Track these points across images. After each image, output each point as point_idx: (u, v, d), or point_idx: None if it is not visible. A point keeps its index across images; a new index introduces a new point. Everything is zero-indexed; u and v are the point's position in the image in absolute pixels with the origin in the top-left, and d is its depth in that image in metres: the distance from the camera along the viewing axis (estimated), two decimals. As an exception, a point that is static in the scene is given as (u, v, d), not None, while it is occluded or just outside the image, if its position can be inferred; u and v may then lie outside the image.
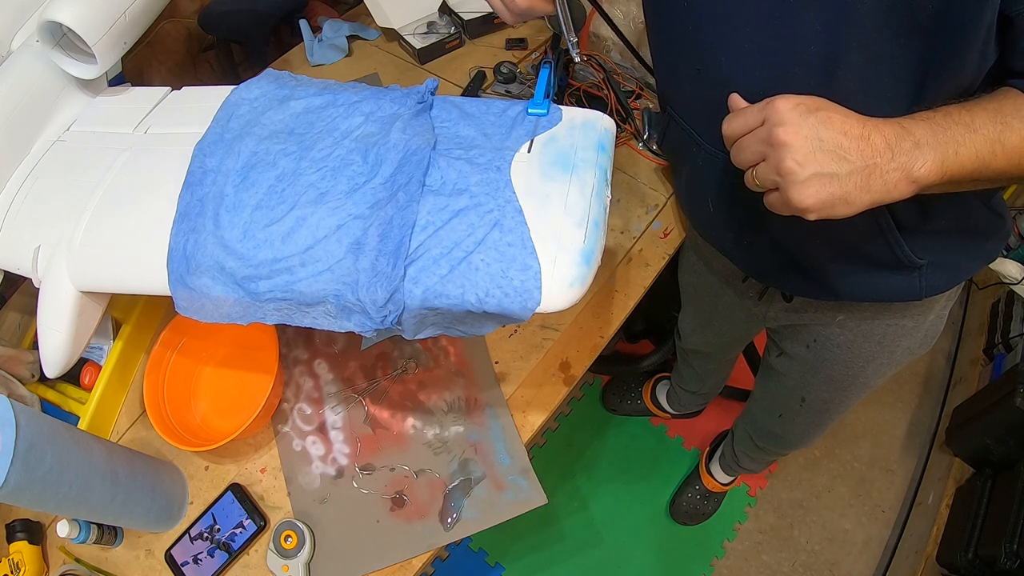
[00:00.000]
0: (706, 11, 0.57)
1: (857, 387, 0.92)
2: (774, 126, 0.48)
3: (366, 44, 1.19)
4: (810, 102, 0.48)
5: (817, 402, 1.00)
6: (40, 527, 0.78)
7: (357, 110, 0.66)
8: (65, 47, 0.75)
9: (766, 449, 1.24)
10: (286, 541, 0.72)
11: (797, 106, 0.48)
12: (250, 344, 0.86)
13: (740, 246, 0.76)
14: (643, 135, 0.99)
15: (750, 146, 0.51)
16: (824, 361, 0.89)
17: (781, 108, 0.48)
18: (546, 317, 0.87)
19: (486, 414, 0.80)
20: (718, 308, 0.99)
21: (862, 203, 0.48)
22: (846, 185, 0.47)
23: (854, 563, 1.51)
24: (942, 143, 0.47)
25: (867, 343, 0.82)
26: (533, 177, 0.60)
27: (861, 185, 0.47)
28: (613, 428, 1.67)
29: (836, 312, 0.79)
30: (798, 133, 0.47)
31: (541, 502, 0.75)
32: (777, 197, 0.50)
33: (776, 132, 0.47)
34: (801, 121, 0.47)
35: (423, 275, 0.56)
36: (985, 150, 0.48)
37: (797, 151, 0.47)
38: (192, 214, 0.63)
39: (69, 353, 0.70)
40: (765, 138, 0.49)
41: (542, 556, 1.50)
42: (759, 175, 0.51)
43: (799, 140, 0.47)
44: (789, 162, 0.47)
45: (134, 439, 0.83)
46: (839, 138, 0.47)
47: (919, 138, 0.47)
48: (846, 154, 0.47)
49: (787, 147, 0.47)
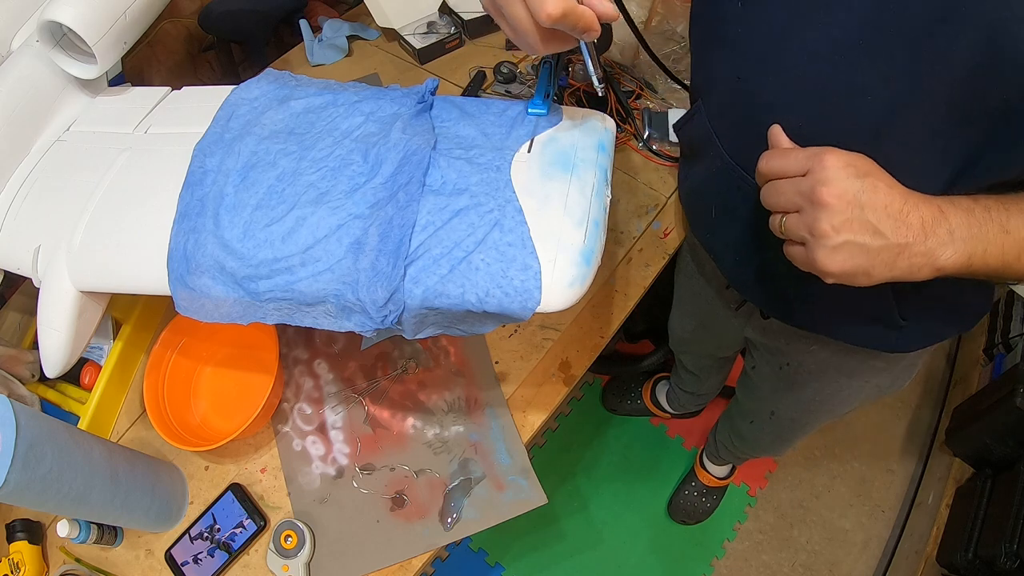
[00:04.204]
0: (760, 21, 0.53)
1: (824, 412, 0.93)
2: (819, 183, 0.46)
3: (366, 44, 1.19)
4: (860, 164, 0.46)
5: (786, 419, 1.01)
6: (40, 527, 0.78)
7: (357, 110, 0.66)
8: (65, 47, 0.75)
9: (740, 448, 1.27)
10: (286, 541, 0.72)
11: (847, 167, 0.46)
12: (250, 344, 0.86)
13: (731, 257, 0.74)
14: (643, 135, 0.99)
15: (786, 193, 0.49)
16: (794, 384, 0.89)
17: (830, 165, 0.46)
18: (546, 317, 0.87)
19: (486, 414, 0.80)
20: (706, 312, 0.98)
21: (881, 278, 0.47)
22: (873, 259, 0.46)
23: (854, 563, 1.51)
24: (974, 238, 0.46)
25: (838, 375, 0.82)
26: (533, 177, 0.60)
27: (887, 262, 0.46)
28: (613, 428, 1.67)
29: (810, 341, 0.79)
30: (842, 197, 0.45)
31: (541, 502, 0.75)
32: (801, 252, 0.49)
33: (820, 191, 0.46)
34: (847, 184, 0.45)
35: (423, 275, 0.56)
36: (1012, 254, 0.47)
37: (836, 215, 0.45)
38: (192, 214, 0.63)
39: (69, 353, 0.70)
40: (806, 192, 0.47)
41: (542, 556, 1.50)
42: (788, 226, 0.49)
43: (841, 204, 0.45)
44: (825, 224, 0.46)
45: (134, 439, 0.83)
46: (879, 211, 0.45)
47: (954, 227, 0.46)
48: (882, 228, 0.45)
49: (827, 209, 0.45)
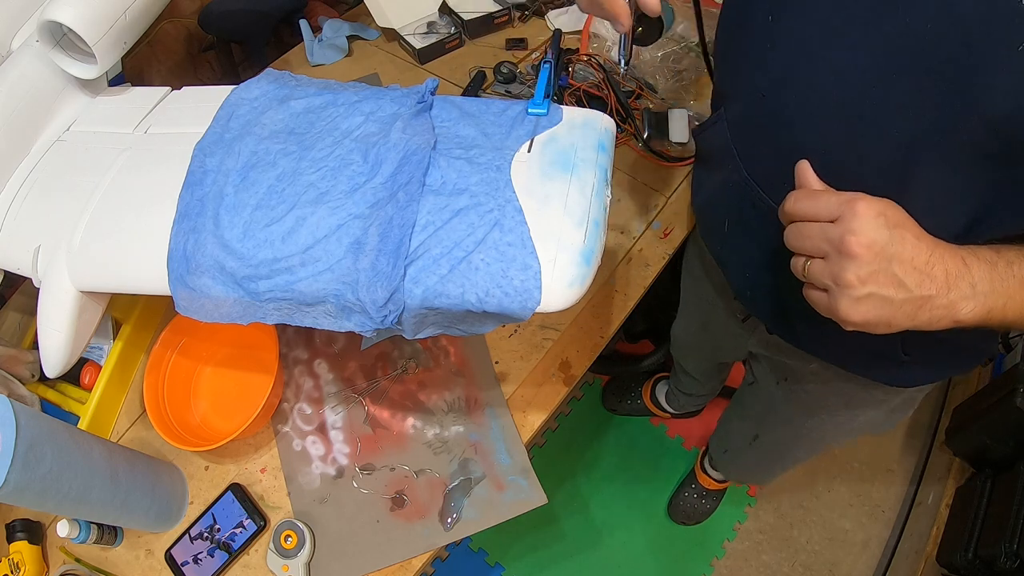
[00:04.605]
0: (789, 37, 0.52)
1: (810, 440, 0.92)
2: (849, 232, 0.44)
3: (366, 44, 1.19)
4: (891, 214, 0.45)
5: (767, 442, 1.00)
6: (40, 527, 0.78)
7: (357, 110, 0.66)
8: (65, 47, 0.75)
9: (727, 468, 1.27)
10: (286, 541, 0.72)
11: (878, 216, 0.44)
12: (250, 344, 0.86)
13: (741, 272, 0.72)
14: (643, 135, 0.99)
15: (813, 238, 0.47)
16: (789, 400, 0.88)
17: (862, 214, 0.44)
18: (546, 317, 0.87)
19: (486, 414, 0.80)
20: (711, 318, 0.97)
21: (901, 328, 0.47)
22: (896, 311, 0.45)
23: (854, 563, 1.51)
24: (995, 293, 0.45)
25: (834, 397, 0.81)
26: (533, 177, 0.59)
27: (909, 314, 0.46)
28: (613, 428, 1.67)
29: (811, 361, 0.78)
30: (871, 248, 0.44)
31: (541, 502, 0.75)
32: (823, 299, 0.48)
33: (849, 240, 0.44)
34: (877, 235, 0.44)
35: (423, 275, 0.56)
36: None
37: (863, 267, 0.44)
38: (192, 214, 0.63)
39: (69, 353, 0.70)
40: (835, 240, 0.45)
41: (542, 556, 1.50)
42: (812, 272, 0.48)
43: (870, 256, 0.44)
44: (851, 275, 0.45)
45: (134, 439, 0.83)
46: (906, 264, 0.44)
47: (976, 280, 0.45)
48: (907, 281, 0.45)
49: (856, 259, 0.44)
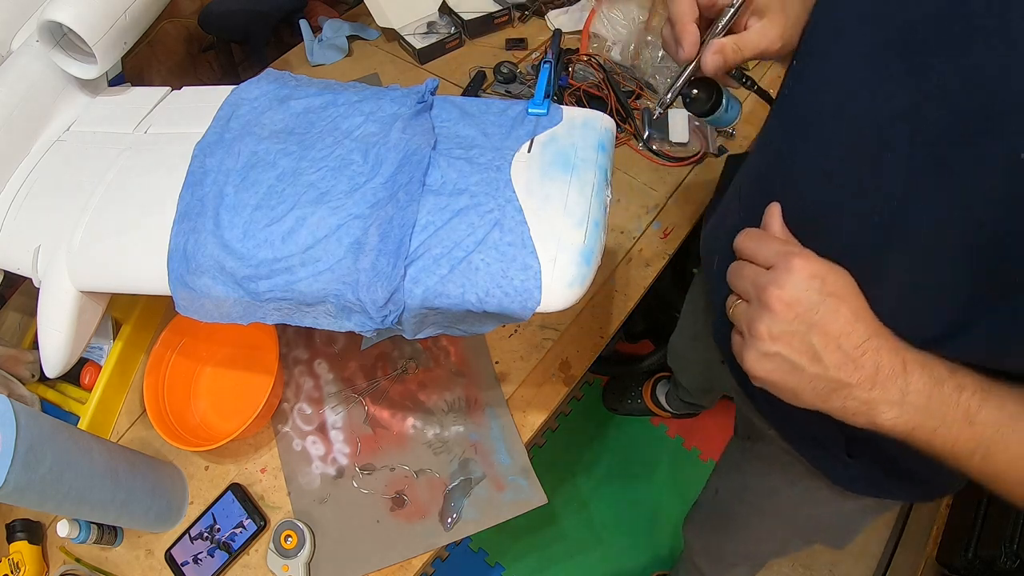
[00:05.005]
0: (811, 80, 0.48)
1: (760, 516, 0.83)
2: (774, 283, 0.41)
3: (366, 44, 1.19)
4: (831, 279, 0.41)
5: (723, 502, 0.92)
6: (40, 527, 0.78)
7: (357, 110, 0.66)
8: (65, 47, 0.75)
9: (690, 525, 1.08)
10: (286, 541, 0.72)
11: (812, 278, 0.40)
12: (250, 344, 0.86)
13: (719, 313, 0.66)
14: (643, 135, 0.99)
15: (744, 279, 0.45)
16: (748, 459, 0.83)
17: (796, 270, 0.41)
18: (546, 317, 0.87)
19: (486, 414, 0.80)
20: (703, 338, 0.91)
21: (810, 406, 0.42)
22: (803, 383, 0.41)
23: (854, 563, 1.51)
24: (928, 412, 0.39)
25: (781, 474, 0.74)
26: (533, 177, 0.59)
27: (820, 393, 0.41)
28: (613, 428, 1.67)
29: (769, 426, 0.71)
30: (791, 307, 0.40)
31: (541, 502, 0.75)
32: (737, 343, 0.45)
33: (770, 291, 0.41)
34: (802, 296, 0.40)
35: (423, 275, 0.56)
36: (966, 448, 0.40)
37: (776, 324, 0.41)
38: (192, 214, 0.63)
39: (69, 353, 0.70)
40: (760, 287, 0.42)
41: (542, 556, 1.50)
42: (735, 312, 0.45)
43: (787, 315, 0.40)
44: (762, 327, 0.41)
45: (134, 439, 0.83)
46: (828, 338, 0.40)
47: (910, 390, 0.39)
48: (824, 357, 0.40)
49: (771, 314, 0.41)
